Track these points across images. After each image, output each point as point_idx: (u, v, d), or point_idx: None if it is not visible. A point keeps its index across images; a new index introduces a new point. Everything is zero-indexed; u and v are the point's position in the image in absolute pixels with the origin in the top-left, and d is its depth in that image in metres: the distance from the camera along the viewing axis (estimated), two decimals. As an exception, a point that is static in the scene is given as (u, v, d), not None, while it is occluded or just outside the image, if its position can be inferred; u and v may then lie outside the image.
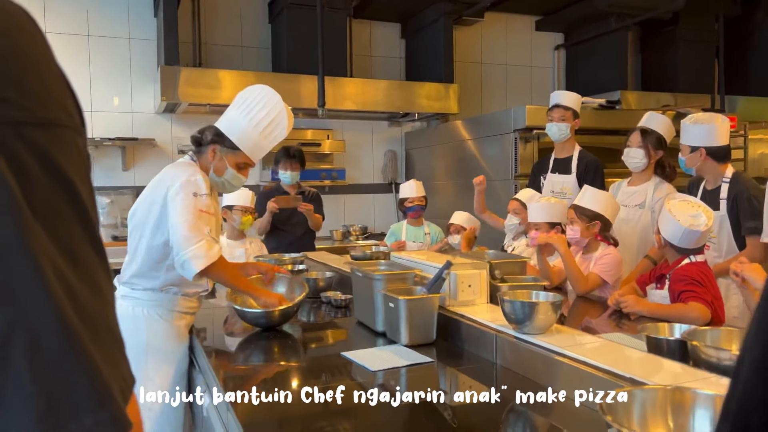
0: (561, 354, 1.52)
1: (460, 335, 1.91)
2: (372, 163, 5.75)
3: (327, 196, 5.49)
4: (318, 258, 3.51)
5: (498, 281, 2.11)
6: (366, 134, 5.70)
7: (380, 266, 2.25)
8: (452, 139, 5.02)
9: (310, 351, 2.01)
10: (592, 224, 2.61)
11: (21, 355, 0.41)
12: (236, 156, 2.13)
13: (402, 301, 1.85)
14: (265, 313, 2.11)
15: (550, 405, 1.47)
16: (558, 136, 3.47)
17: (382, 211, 5.77)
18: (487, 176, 4.54)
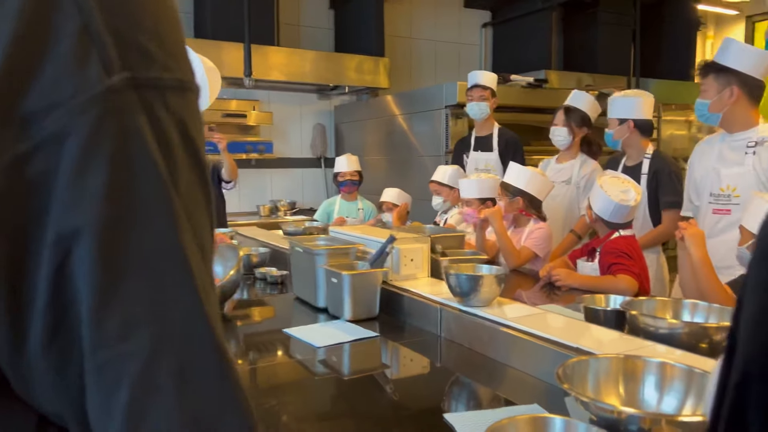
0: (506, 325, 1.55)
1: (403, 309, 1.91)
2: (300, 137, 5.64)
3: (253, 170, 5.35)
4: (248, 233, 3.41)
5: (439, 255, 2.13)
6: (294, 107, 5.57)
7: (320, 241, 2.22)
8: (383, 114, 5.00)
9: (248, 328, 1.95)
10: (514, 200, 2.68)
11: (168, 379, 0.34)
12: None
13: (346, 276, 1.83)
14: None
15: (495, 375, 1.50)
16: (479, 115, 3.57)
17: (311, 186, 5.70)
18: (417, 152, 4.60)
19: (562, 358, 1.29)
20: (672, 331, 1.36)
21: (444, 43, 6.18)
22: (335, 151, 5.66)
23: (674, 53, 6.14)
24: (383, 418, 1.26)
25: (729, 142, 2.45)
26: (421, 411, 1.33)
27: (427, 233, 2.18)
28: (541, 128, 3.98)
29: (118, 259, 0.34)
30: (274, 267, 2.60)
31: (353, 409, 1.31)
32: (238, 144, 5.03)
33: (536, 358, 1.43)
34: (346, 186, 3.80)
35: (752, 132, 2.37)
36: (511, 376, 1.47)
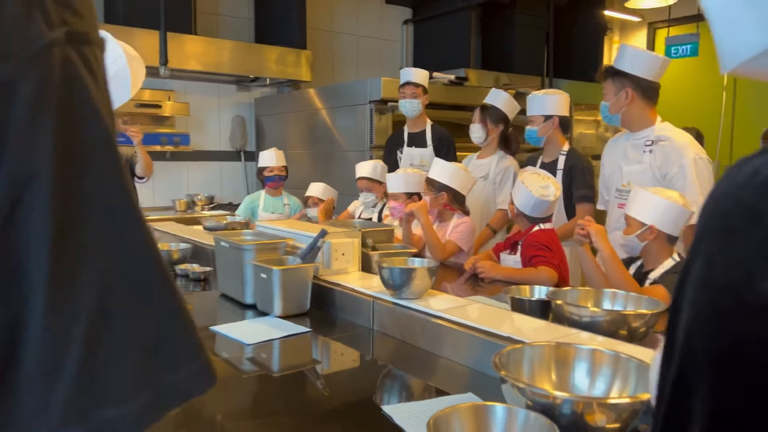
0: (438, 316, 1.58)
1: (334, 304, 1.91)
2: (219, 129, 5.47)
3: (169, 162, 5.15)
4: (166, 228, 3.28)
5: (369, 249, 2.14)
6: (212, 98, 5.40)
7: (247, 236, 2.17)
8: (305, 108, 4.94)
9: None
10: (439, 195, 2.73)
11: (123, 307, 0.38)
12: None
13: (276, 272, 1.80)
14: None
15: (427, 366, 1.53)
16: (411, 112, 3.62)
17: (230, 180, 5.55)
18: (341, 147, 4.59)
19: (493, 346, 1.34)
20: (594, 318, 1.44)
21: (366, 38, 6.19)
22: (256, 145, 5.54)
23: (584, 56, 6.47)
24: (317, 414, 1.25)
25: (632, 140, 2.62)
26: (354, 404, 1.33)
27: (358, 228, 2.18)
28: (463, 125, 4.08)
29: (72, 199, 0.36)
30: (195, 263, 2.52)
31: (286, 406, 1.29)
32: (152, 135, 4.81)
33: (467, 347, 1.47)
34: (274, 181, 3.74)
35: (649, 131, 2.55)
36: (443, 366, 1.50)
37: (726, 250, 0.37)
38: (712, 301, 0.37)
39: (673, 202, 1.90)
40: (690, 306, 0.40)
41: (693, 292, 0.40)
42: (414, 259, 1.85)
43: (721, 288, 0.36)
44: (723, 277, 0.36)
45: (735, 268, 0.36)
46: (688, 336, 0.40)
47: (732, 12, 0.42)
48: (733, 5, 0.41)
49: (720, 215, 0.38)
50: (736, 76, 0.50)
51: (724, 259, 0.37)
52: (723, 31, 0.43)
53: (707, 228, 0.39)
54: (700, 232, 0.40)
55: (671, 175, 2.41)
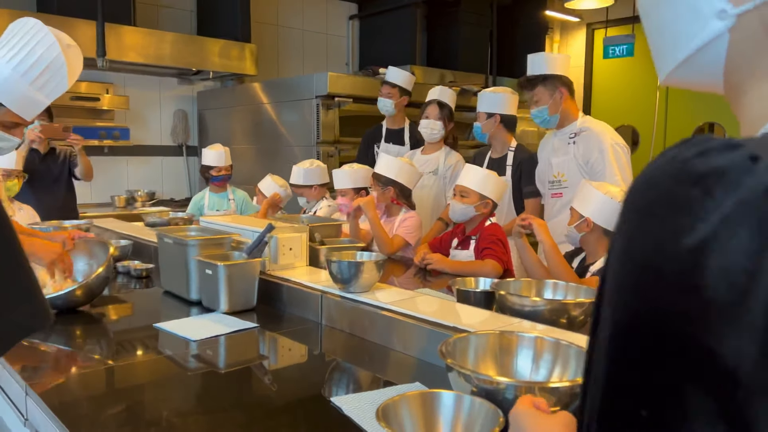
0: (386, 309, 1.60)
1: (281, 298, 1.90)
2: (160, 124, 5.33)
3: (107, 158, 4.98)
4: (105, 225, 3.18)
5: (317, 244, 2.14)
6: (153, 91, 5.25)
7: (191, 232, 2.13)
8: (249, 102, 4.88)
9: (115, 325, 1.83)
10: (386, 190, 2.76)
11: None
12: (1, 113, 1.71)
13: (221, 267, 1.78)
14: (65, 295, 1.78)
15: (376, 358, 1.54)
16: (384, 110, 3.71)
17: (172, 175, 5.41)
18: (287, 142, 4.55)
19: (439, 337, 1.37)
20: (536, 308, 1.49)
21: (311, 32, 6.15)
22: (198, 139, 5.42)
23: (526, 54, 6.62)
24: (266, 409, 1.25)
25: (558, 135, 2.81)
26: (303, 398, 1.33)
27: (305, 222, 2.18)
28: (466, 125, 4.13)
29: None
30: (137, 260, 2.45)
31: (234, 402, 1.28)
32: (89, 129, 4.64)
33: (415, 338, 1.50)
34: (221, 181, 3.69)
35: (573, 125, 2.75)
36: (391, 357, 1.53)
37: (643, 226, 0.40)
38: (631, 274, 0.40)
39: (610, 197, 1.98)
40: (612, 278, 0.43)
41: (615, 264, 0.43)
42: (362, 253, 1.86)
43: (639, 261, 0.40)
44: (640, 249, 0.40)
45: (650, 241, 0.39)
46: (612, 307, 0.43)
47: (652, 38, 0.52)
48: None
49: (640, 197, 0.41)
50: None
51: (642, 233, 0.40)
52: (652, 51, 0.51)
53: (629, 208, 0.42)
54: (622, 212, 0.43)
55: (593, 161, 2.62)
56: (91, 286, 1.81)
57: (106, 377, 1.43)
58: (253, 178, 3.89)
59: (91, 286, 1.81)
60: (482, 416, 0.95)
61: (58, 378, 1.42)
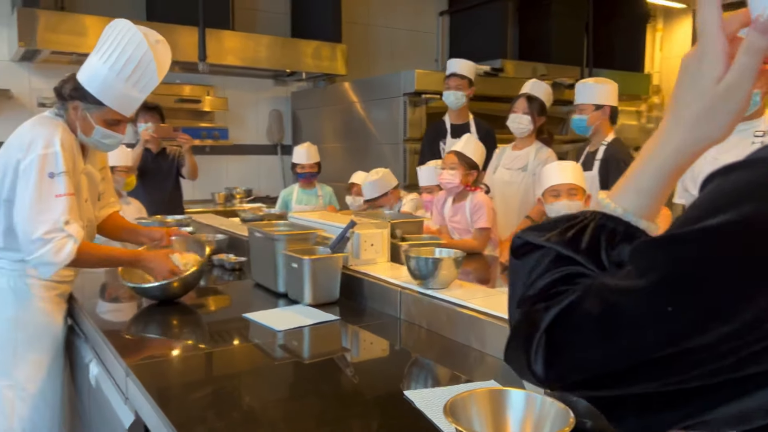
0: (463, 306, 1.60)
1: (363, 293, 1.94)
2: (256, 123, 5.58)
3: (208, 156, 5.27)
4: (204, 220, 3.38)
5: (398, 240, 2.17)
6: (250, 93, 5.50)
7: (280, 227, 2.22)
8: (340, 101, 4.99)
9: (209, 315, 1.95)
10: (470, 173, 2.76)
11: None
12: (103, 112, 1.85)
13: (306, 261, 1.85)
14: (163, 287, 1.92)
15: (453, 355, 1.54)
16: (455, 103, 3.66)
17: (267, 173, 5.65)
18: (375, 140, 4.62)
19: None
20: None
21: (401, 30, 6.20)
22: (292, 138, 5.62)
23: (625, 45, 6.33)
24: (345, 399, 1.29)
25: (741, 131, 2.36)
26: (381, 392, 1.36)
27: (387, 218, 2.22)
28: (496, 116, 4.07)
29: None
30: (231, 253, 2.59)
31: (315, 392, 1.33)
32: (192, 130, 4.94)
33: (493, 336, 1.48)
34: (305, 178, 3.82)
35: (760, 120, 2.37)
36: (469, 355, 1.52)
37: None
38: None
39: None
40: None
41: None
42: (441, 249, 1.86)
43: None
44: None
45: None
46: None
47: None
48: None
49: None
50: None
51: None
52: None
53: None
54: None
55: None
56: (187, 279, 1.95)
57: (198, 363, 1.53)
58: (342, 176, 3.99)
59: (187, 280, 1.94)
60: (552, 415, 0.93)
61: (155, 362, 1.53)
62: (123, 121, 1.91)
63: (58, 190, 1.77)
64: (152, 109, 3.78)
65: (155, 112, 3.78)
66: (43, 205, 1.75)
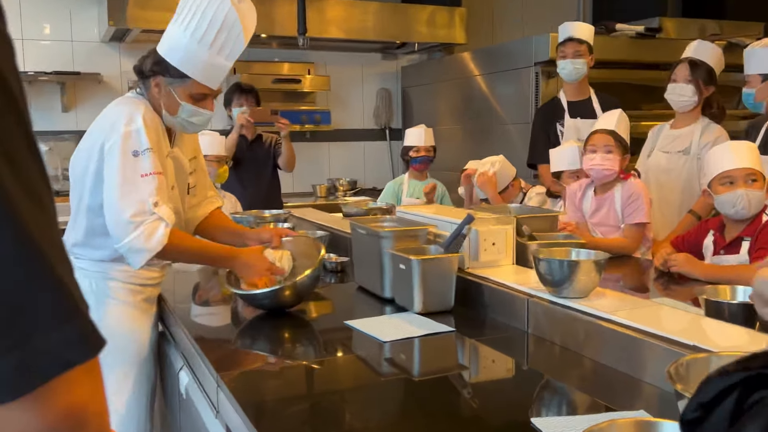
0: (606, 319, 1.54)
1: (482, 301, 1.93)
2: (362, 105, 5.70)
3: (309, 144, 5.46)
4: (304, 215, 3.51)
5: (526, 239, 2.13)
6: (355, 69, 5.63)
7: (386, 222, 2.26)
8: (458, 75, 4.98)
9: (308, 322, 2.02)
10: (625, 158, 2.67)
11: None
12: (187, 85, 1.94)
13: (415, 262, 1.86)
14: (274, 294, 1.95)
15: (593, 378, 1.49)
16: (574, 75, 3.54)
17: (374, 162, 5.76)
18: (500, 120, 4.56)
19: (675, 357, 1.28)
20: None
21: (534, -12, 6.06)
22: (402, 121, 5.69)
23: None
24: (461, 425, 1.28)
25: None
26: (504, 418, 1.35)
27: (513, 213, 2.18)
28: (652, 87, 3.87)
29: None
30: (332, 252, 2.67)
31: (425, 414, 1.34)
32: (291, 114, 5.12)
33: (642, 357, 1.42)
34: (420, 163, 3.85)
35: None
36: (612, 379, 1.47)
37: None
38: None
39: None
40: None
41: None
42: (579, 250, 1.81)
43: None
44: None
45: None
46: None
47: None
48: None
49: None
50: None
51: None
52: None
53: None
54: None
55: None
56: (299, 286, 1.98)
57: (294, 376, 1.60)
58: (460, 163, 3.97)
59: (298, 286, 1.97)
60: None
61: (248, 373, 1.61)
62: (210, 95, 2.00)
63: (143, 169, 1.86)
64: (248, 91, 3.98)
65: (251, 95, 3.97)
66: (129, 186, 1.84)
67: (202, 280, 2.56)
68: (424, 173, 3.93)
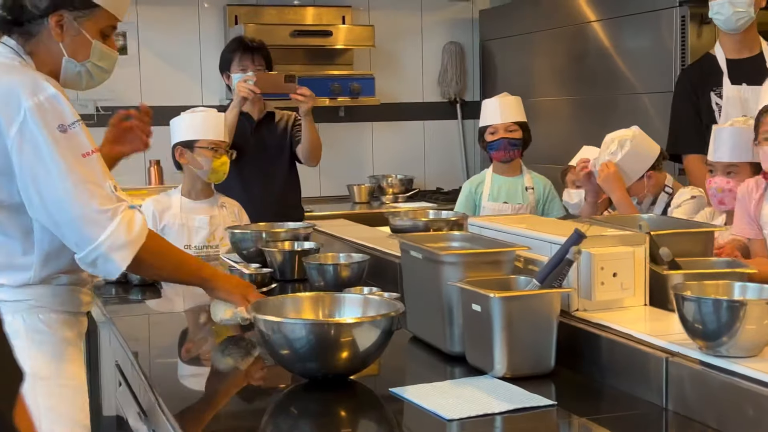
0: (791, 392, 1.50)
1: (597, 359, 1.92)
2: (421, 68, 5.72)
3: (343, 125, 5.50)
4: (334, 230, 3.52)
5: (665, 267, 2.10)
6: (410, 15, 5.66)
7: (453, 242, 2.25)
8: (565, 21, 4.99)
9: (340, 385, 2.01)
10: None
11: None
12: (95, 17, 2.11)
13: (496, 301, 1.85)
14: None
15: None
16: (734, 21, 3.54)
17: (440, 151, 5.77)
18: (629, 87, 4.50)
19: None
20: None
21: None
22: (481, 91, 5.68)
23: None
24: None
25: None
26: None
27: (645, 227, 2.15)
28: None
29: None
30: (375, 285, 2.66)
31: None
32: (317, 81, 5.17)
33: None
34: (500, 150, 3.82)
35: None
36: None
37: None
38: None
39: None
40: None
41: None
42: (746, 284, 1.78)
43: None
44: None
45: None
46: None
47: None
48: None
49: None
50: None
51: None
52: None
53: None
54: None
55: None
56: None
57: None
58: (567, 155, 3.94)
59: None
60: None
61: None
62: (115, 28, 2.18)
63: (82, 147, 1.98)
64: (254, 49, 4.02)
65: (258, 54, 4.01)
66: (76, 173, 1.94)
67: (189, 321, 2.60)
68: (515, 165, 3.91)
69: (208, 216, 3.50)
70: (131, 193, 4.62)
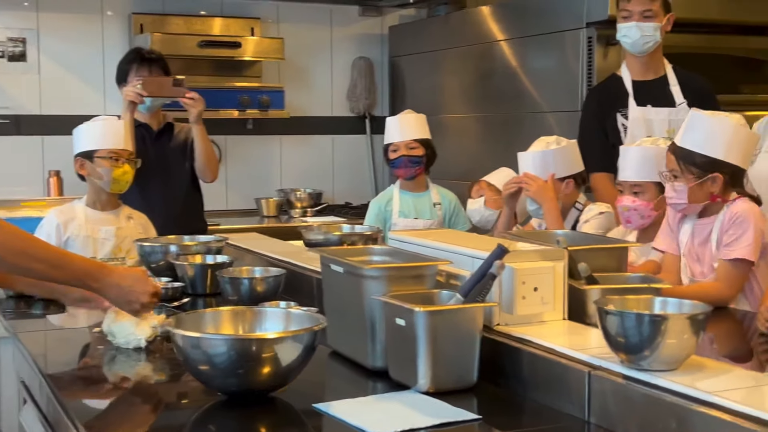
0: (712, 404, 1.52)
1: (519, 374, 1.93)
2: (330, 82, 5.71)
3: (251, 138, 5.45)
4: (246, 243, 3.48)
5: (583, 282, 2.12)
6: (321, 29, 5.64)
7: (374, 256, 2.24)
8: (474, 39, 5.03)
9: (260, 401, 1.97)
10: (710, 179, 2.68)
11: None
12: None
13: (420, 315, 1.84)
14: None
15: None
16: (641, 44, 3.62)
17: (348, 165, 5.76)
18: (534, 106, 4.57)
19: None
20: None
21: None
22: (390, 106, 5.69)
23: None
24: None
25: None
26: None
27: (563, 242, 2.17)
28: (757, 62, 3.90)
29: None
30: (292, 300, 2.63)
31: None
32: (224, 94, 5.12)
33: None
34: (401, 167, 3.85)
35: None
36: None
37: None
38: None
39: None
40: None
41: None
42: (665, 299, 1.81)
43: None
44: None
45: None
46: None
47: None
48: None
49: None
50: None
51: None
52: None
53: None
54: None
55: None
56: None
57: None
58: (474, 171, 3.97)
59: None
60: None
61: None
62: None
63: None
64: (152, 60, 3.94)
65: (156, 65, 3.95)
66: None
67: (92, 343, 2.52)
68: (420, 181, 3.92)
69: (114, 227, 3.42)
70: (30, 205, 4.60)
